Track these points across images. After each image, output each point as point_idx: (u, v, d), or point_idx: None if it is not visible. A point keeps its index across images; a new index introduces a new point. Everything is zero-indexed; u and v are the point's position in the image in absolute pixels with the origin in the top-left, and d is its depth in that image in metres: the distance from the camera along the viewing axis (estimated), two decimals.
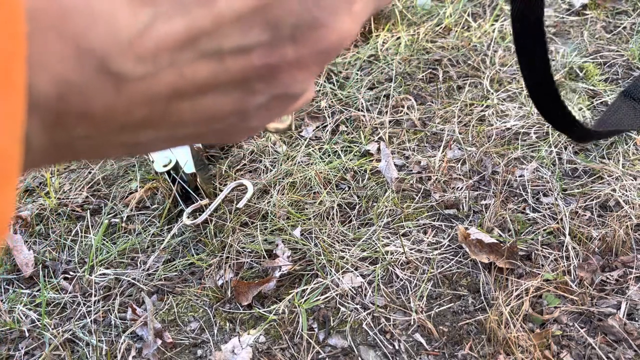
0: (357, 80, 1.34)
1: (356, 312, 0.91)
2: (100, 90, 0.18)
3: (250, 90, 0.22)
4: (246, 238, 1.04)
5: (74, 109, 0.18)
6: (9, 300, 1.03)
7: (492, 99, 1.22)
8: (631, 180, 1.02)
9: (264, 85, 0.22)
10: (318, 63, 0.23)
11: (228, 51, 0.20)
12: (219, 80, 0.20)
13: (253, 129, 0.25)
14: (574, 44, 1.32)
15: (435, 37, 1.41)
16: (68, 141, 0.19)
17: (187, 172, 1.06)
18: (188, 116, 0.21)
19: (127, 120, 0.20)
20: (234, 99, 0.22)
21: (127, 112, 0.19)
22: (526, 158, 1.10)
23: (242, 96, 0.22)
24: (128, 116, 0.20)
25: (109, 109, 0.19)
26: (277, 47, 0.21)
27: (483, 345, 0.85)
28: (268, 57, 0.21)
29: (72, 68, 0.17)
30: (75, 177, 1.25)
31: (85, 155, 0.22)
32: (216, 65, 0.20)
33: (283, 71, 0.22)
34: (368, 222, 1.04)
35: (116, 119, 0.19)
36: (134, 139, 0.21)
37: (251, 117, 0.23)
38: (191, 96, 0.20)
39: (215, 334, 0.93)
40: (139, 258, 1.06)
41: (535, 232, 0.98)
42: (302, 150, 1.19)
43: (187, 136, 0.23)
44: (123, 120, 0.20)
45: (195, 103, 0.21)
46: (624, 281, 0.89)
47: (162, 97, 0.20)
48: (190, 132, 0.22)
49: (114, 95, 0.18)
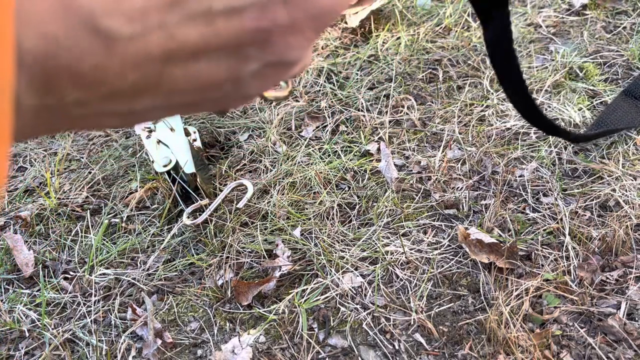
0: (357, 80, 1.34)
1: (356, 312, 0.91)
2: (90, 48, 0.18)
3: (243, 56, 0.21)
4: (246, 238, 1.04)
5: (63, 68, 0.18)
6: (9, 300, 1.03)
7: (492, 99, 1.22)
8: (631, 180, 1.02)
9: (257, 52, 0.21)
10: (312, 28, 0.22)
11: (218, 12, 0.20)
12: (211, 44, 0.20)
13: (249, 96, 0.24)
14: (574, 44, 1.32)
15: (435, 37, 1.41)
16: (60, 106, 0.19)
17: (187, 172, 1.06)
18: (182, 83, 0.21)
19: (119, 85, 0.19)
20: (227, 66, 0.21)
21: (119, 75, 0.19)
22: (526, 158, 1.10)
23: (235, 63, 0.21)
24: (120, 80, 0.19)
25: (99, 69, 0.18)
26: (268, 9, 0.20)
27: (483, 345, 0.85)
28: (260, 20, 0.20)
29: (60, 24, 0.17)
30: (75, 177, 1.25)
31: (81, 125, 0.21)
32: (206, 27, 0.20)
33: (276, 36, 0.21)
34: (368, 222, 1.04)
35: (108, 82, 0.19)
36: (128, 106, 0.21)
37: (246, 85, 0.23)
38: (183, 61, 0.20)
39: (215, 334, 0.93)
40: (139, 258, 1.06)
41: (535, 232, 0.98)
42: (302, 150, 1.19)
43: (183, 105, 0.22)
44: (115, 84, 0.19)
45: (189, 69, 0.20)
46: (624, 281, 0.89)
47: (154, 60, 0.19)
48: (186, 101, 0.22)
49: (103, 54, 0.18)
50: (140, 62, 0.19)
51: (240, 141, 1.25)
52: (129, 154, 1.28)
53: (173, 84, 0.21)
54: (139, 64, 0.19)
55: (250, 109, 1.33)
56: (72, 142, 1.35)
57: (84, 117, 0.20)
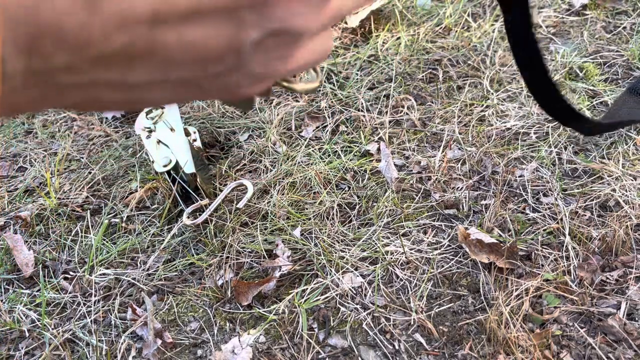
0: (357, 80, 1.34)
1: (356, 312, 0.91)
2: (72, 5, 0.17)
3: (240, 21, 0.20)
4: (246, 238, 1.04)
5: (46, 26, 0.17)
6: (9, 300, 1.03)
7: (492, 99, 1.22)
8: (631, 180, 1.02)
9: (255, 17, 0.20)
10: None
11: None
12: (203, 4, 0.19)
13: (257, 77, 0.22)
14: (574, 44, 1.32)
15: (435, 37, 1.41)
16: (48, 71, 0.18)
17: (187, 172, 1.06)
18: (177, 51, 0.19)
19: (106, 47, 0.18)
20: (224, 32, 0.20)
21: (105, 36, 0.18)
22: (526, 158, 1.10)
23: (232, 29, 0.20)
24: (106, 41, 0.18)
25: (83, 29, 0.17)
26: None
27: (483, 345, 0.85)
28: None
29: None
30: (75, 177, 1.25)
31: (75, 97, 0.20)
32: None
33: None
34: (368, 222, 1.04)
35: (93, 44, 0.18)
36: (121, 76, 0.20)
37: (250, 60, 0.21)
38: (175, 24, 0.19)
39: (215, 334, 0.93)
40: (139, 258, 1.06)
41: (535, 232, 0.98)
42: (302, 150, 1.19)
43: (184, 81, 0.21)
44: (102, 46, 0.18)
45: (182, 34, 0.19)
46: (624, 281, 0.89)
47: (141, 21, 0.18)
48: (186, 76, 0.20)
49: (87, 12, 0.17)
50: (127, 23, 0.18)
51: (240, 141, 1.25)
52: (129, 154, 1.28)
53: (167, 53, 0.19)
54: (125, 25, 0.18)
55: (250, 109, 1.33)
56: (72, 142, 1.35)
57: (76, 87, 0.19)
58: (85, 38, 0.18)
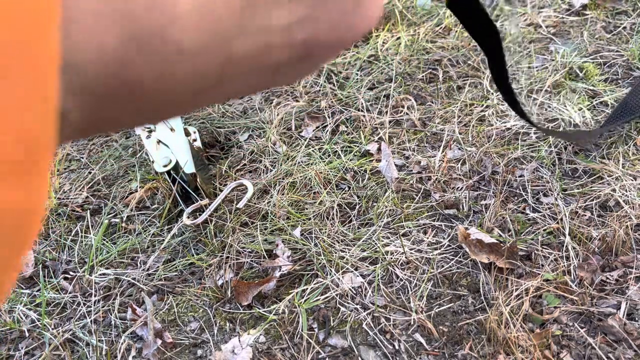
0: (357, 80, 1.34)
1: (356, 312, 0.91)
2: (157, 62, 0.16)
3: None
4: (246, 238, 1.04)
5: (123, 84, 0.16)
6: (9, 300, 1.03)
7: (492, 99, 1.22)
8: (631, 180, 1.02)
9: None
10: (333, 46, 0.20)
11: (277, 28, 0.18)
12: (263, 62, 0.18)
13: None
14: (574, 44, 1.32)
15: (435, 37, 1.41)
16: (113, 118, 0.17)
17: (187, 172, 1.06)
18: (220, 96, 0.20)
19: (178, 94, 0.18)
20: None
21: (181, 85, 0.17)
22: (526, 158, 1.10)
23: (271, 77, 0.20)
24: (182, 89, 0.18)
25: (161, 81, 0.16)
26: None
27: (483, 345, 0.85)
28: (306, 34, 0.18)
29: (117, 32, 0.15)
30: (75, 177, 1.25)
31: (126, 126, 0.20)
32: (263, 45, 0.18)
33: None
34: (368, 222, 1.04)
35: (166, 95, 0.17)
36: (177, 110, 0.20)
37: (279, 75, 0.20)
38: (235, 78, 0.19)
39: (215, 334, 0.93)
40: (139, 258, 1.06)
41: (535, 232, 0.98)
42: (302, 150, 1.19)
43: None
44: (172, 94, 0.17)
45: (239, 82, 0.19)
46: (624, 281, 0.89)
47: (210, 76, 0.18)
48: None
49: (169, 66, 0.16)
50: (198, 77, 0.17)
51: (240, 141, 1.25)
52: (129, 154, 1.28)
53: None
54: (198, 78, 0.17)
55: (251, 109, 1.33)
56: (72, 142, 1.35)
57: (133, 123, 0.19)
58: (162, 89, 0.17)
